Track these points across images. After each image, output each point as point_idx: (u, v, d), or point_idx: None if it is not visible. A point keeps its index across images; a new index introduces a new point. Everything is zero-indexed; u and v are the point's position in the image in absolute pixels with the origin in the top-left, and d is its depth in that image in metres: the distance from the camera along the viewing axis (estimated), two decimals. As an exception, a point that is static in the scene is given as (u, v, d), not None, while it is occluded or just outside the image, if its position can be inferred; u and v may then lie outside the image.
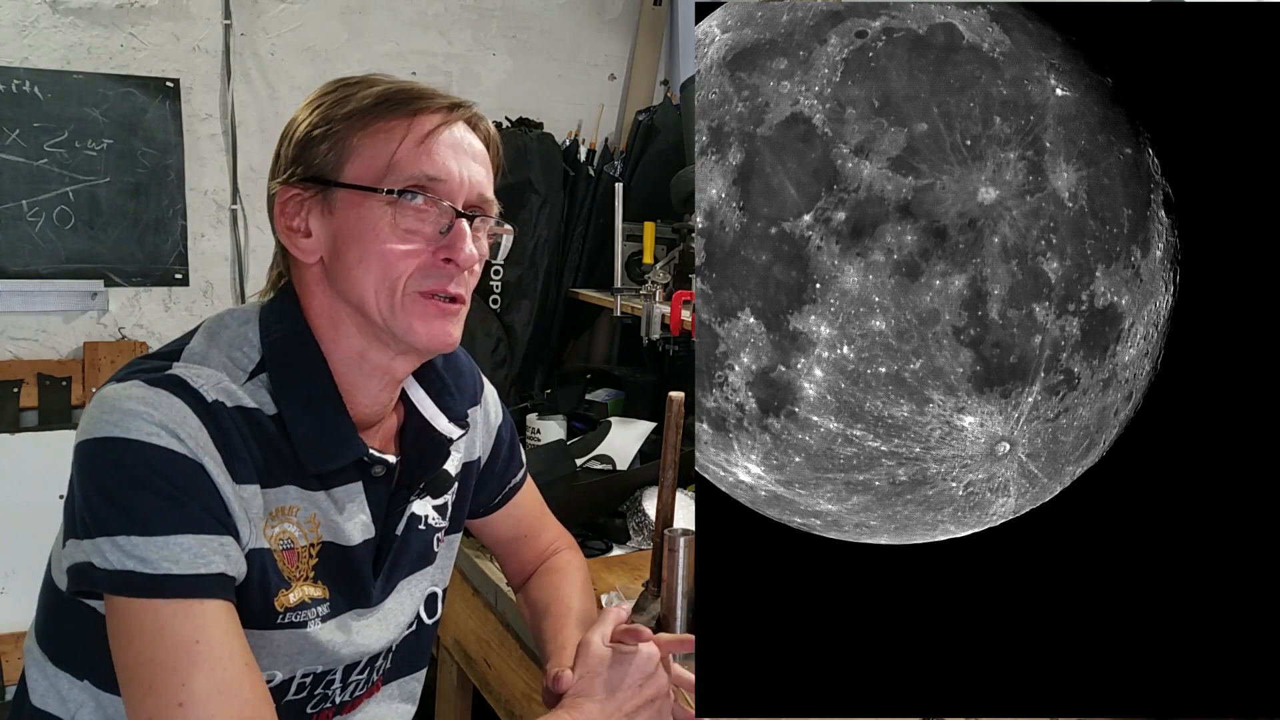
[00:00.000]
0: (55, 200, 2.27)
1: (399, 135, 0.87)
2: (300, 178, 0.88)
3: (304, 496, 0.88)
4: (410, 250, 0.86)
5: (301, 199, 0.89)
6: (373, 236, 0.86)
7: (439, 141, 0.88)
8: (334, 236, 0.87)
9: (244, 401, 0.84)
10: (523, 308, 2.63)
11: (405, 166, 0.86)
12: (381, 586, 0.96)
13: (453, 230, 0.87)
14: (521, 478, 1.22)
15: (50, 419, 2.29)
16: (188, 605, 0.77)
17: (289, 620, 0.87)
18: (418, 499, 1.00)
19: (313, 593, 0.89)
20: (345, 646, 0.92)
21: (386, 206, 0.86)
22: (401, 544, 0.98)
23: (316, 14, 2.53)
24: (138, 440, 0.77)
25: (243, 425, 0.83)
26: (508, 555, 1.24)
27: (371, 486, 0.94)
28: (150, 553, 0.76)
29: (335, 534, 0.91)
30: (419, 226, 0.87)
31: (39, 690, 0.89)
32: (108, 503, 0.77)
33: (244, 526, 0.82)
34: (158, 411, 0.78)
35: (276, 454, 0.86)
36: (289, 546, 0.87)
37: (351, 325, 0.89)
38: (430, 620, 1.06)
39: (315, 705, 0.94)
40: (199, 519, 0.78)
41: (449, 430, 1.01)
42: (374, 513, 0.94)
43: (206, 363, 0.85)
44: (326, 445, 0.88)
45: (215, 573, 0.78)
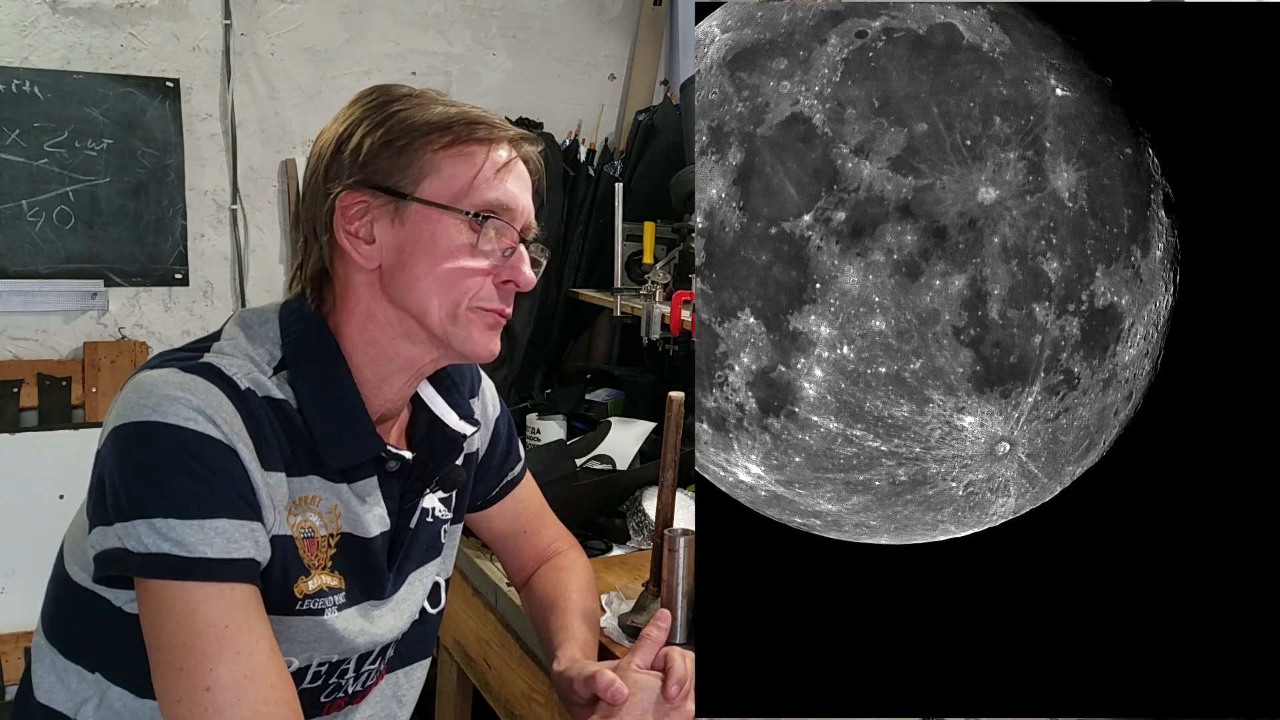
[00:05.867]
0: (55, 200, 2.27)
1: (479, 161, 0.91)
2: (369, 185, 0.89)
3: (327, 487, 0.91)
4: (479, 269, 0.91)
5: (368, 205, 0.90)
6: (445, 253, 0.89)
7: (513, 174, 0.93)
8: (401, 247, 0.90)
9: (272, 392, 0.87)
10: (523, 308, 2.63)
11: (484, 192, 0.90)
12: (394, 578, 0.99)
13: (515, 255, 0.93)
14: (520, 472, 1.23)
15: (50, 419, 2.29)
16: (219, 589, 0.79)
17: (307, 607, 0.89)
18: (430, 493, 1.02)
19: (330, 581, 0.91)
20: (360, 636, 0.94)
21: (462, 226, 0.90)
22: (414, 537, 1.01)
23: (316, 14, 2.53)
24: (175, 425, 0.79)
25: (272, 415, 0.86)
26: (508, 552, 1.25)
27: (386, 480, 0.96)
28: (187, 535, 0.78)
29: (355, 525, 0.93)
30: (489, 249, 0.91)
31: (44, 686, 0.90)
32: (146, 485, 0.78)
33: (269, 513, 0.84)
34: (195, 397, 0.80)
35: (302, 445, 0.88)
36: (310, 535, 0.89)
37: (397, 330, 0.92)
38: (434, 610, 1.08)
39: (329, 695, 0.96)
40: (233, 504, 0.80)
41: (461, 427, 1.03)
42: (389, 505, 0.97)
43: (236, 354, 0.88)
44: (346, 442, 0.90)
45: (246, 557, 0.80)
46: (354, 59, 2.58)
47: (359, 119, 0.91)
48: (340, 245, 0.90)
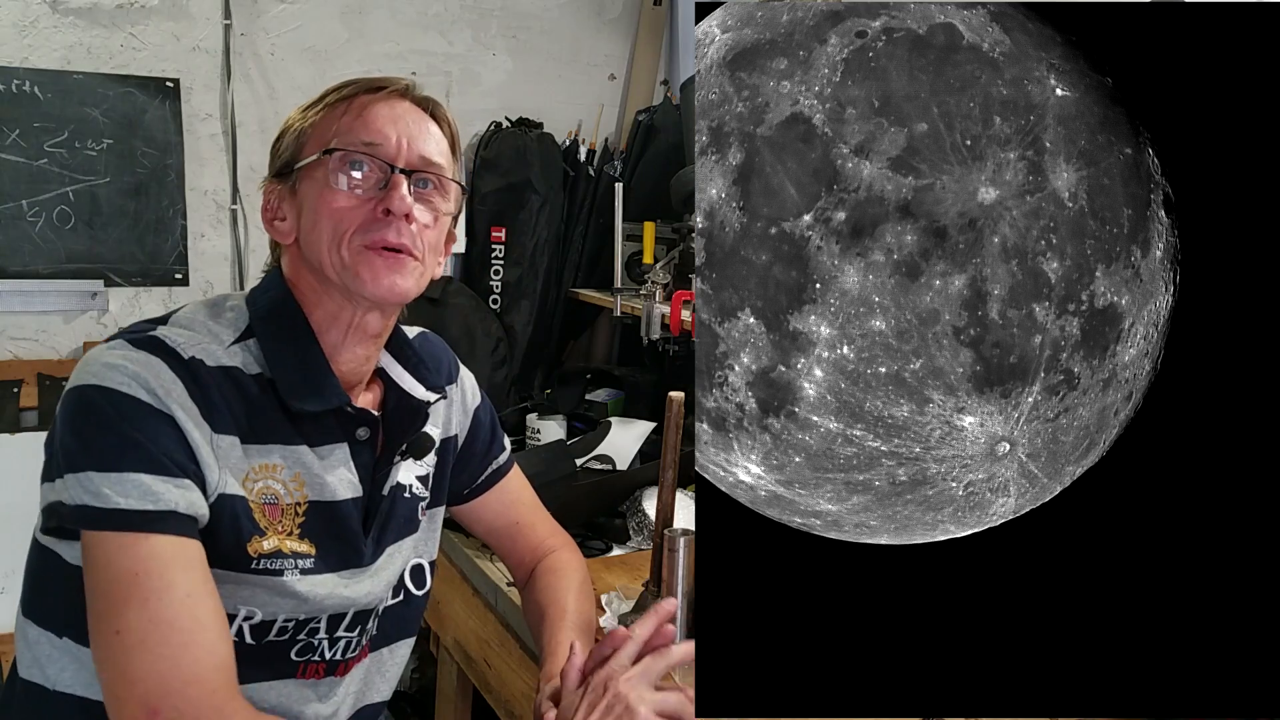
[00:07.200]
0: (55, 200, 2.27)
1: (340, 112, 0.97)
2: (274, 172, 1.00)
3: (288, 454, 0.94)
4: (351, 205, 0.94)
5: (277, 191, 0.99)
6: (319, 198, 0.94)
7: (375, 113, 0.97)
8: (299, 213, 0.97)
9: (224, 361, 0.92)
10: (523, 308, 2.63)
11: (344, 134, 0.96)
12: (372, 548, 1.01)
13: (389, 184, 0.94)
14: (506, 462, 1.25)
15: (50, 419, 2.28)
16: (133, 539, 0.82)
17: (264, 567, 0.91)
18: (402, 461, 1.05)
19: (297, 548, 0.93)
20: (329, 598, 0.96)
21: (328, 169, 0.94)
22: (390, 507, 1.04)
23: (316, 14, 2.53)
24: (109, 388, 0.85)
25: (224, 382, 0.91)
26: (504, 548, 1.26)
27: (358, 451, 0.99)
28: (104, 487, 0.83)
29: (320, 491, 0.96)
30: (359, 183, 0.94)
31: (24, 661, 0.93)
32: (76, 441, 0.85)
33: (212, 473, 0.88)
34: (133, 365, 0.86)
35: (259, 412, 0.93)
36: (272, 501, 0.93)
37: (319, 291, 0.97)
38: (419, 592, 1.11)
39: (301, 653, 0.97)
40: (157, 461, 0.84)
41: (425, 395, 1.06)
42: (360, 474, 1.00)
43: (190, 328, 0.93)
44: (309, 386, 0.94)
45: (165, 509, 0.83)
46: (354, 59, 2.58)
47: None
48: (266, 232, 1.00)
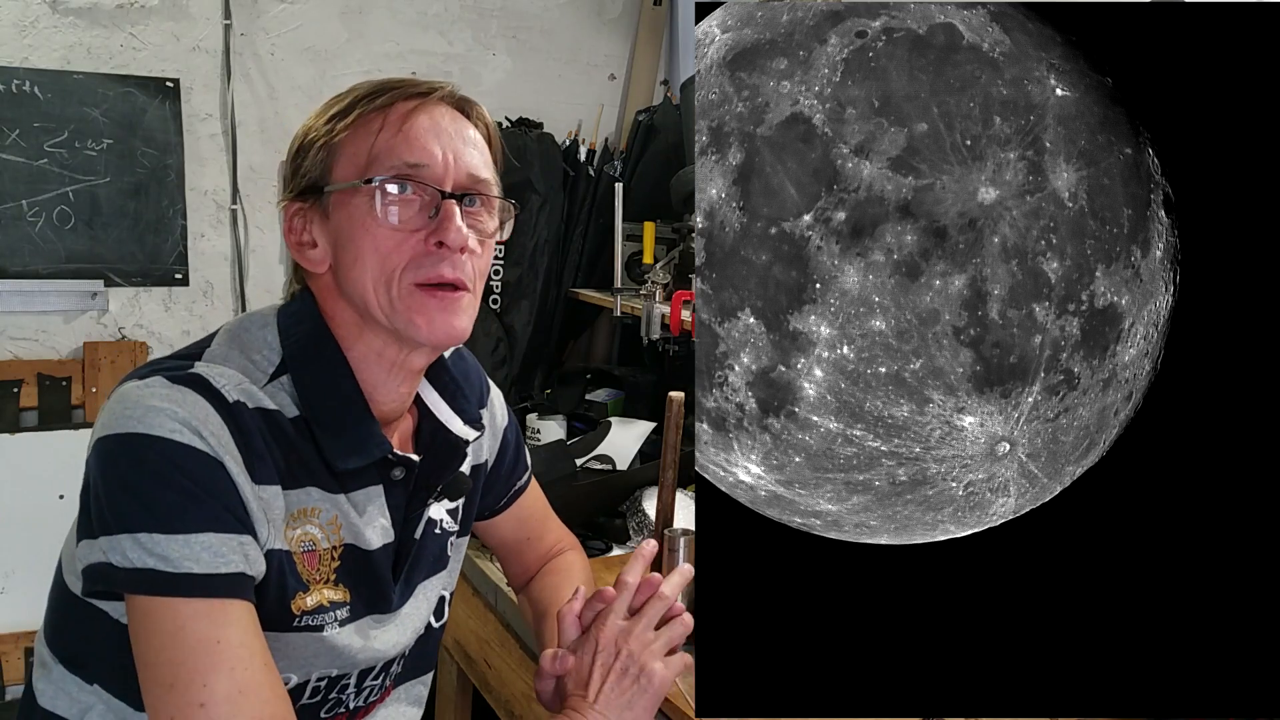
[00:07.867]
0: (55, 200, 2.27)
1: (376, 127, 0.86)
2: (299, 190, 0.89)
3: (326, 498, 0.88)
4: (400, 240, 0.85)
5: (304, 211, 0.89)
6: (362, 231, 0.85)
7: (416, 126, 0.86)
8: (334, 241, 0.88)
9: (264, 403, 0.84)
10: (523, 308, 2.63)
11: (385, 156, 0.85)
12: (401, 591, 0.96)
13: (441, 213, 0.85)
14: (526, 480, 1.21)
15: (50, 419, 2.28)
16: (209, 605, 0.76)
17: (305, 624, 0.86)
18: (435, 502, 0.99)
19: (333, 596, 0.88)
20: (362, 651, 0.91)
21: (371, 199, 0.84)
22: (420, 548, 0.98)
23: (316, 14, 2.53)
24: (161, 436, 0.77)
25: (263, 426, 0.83)
26: (511, 558, 1.24)
27: (391, 490, 0.93)
28: (172, 551, 0.75)
29: (356, 537, 0.90)
30: (407, 214, 0.85)
31: (47, 694, 0.88)
32: (130, 499, 0.76)
33: (262, 527, 0.82)
34: (181, 409, 0.78)
35: (297, 456, 0.85)
36: (310, 549, 0.86)
37: (359, 328, 0.89)
38: (438, 624, 1.06)
39: (329, 710, 0.93)
40: (220, 517, 0.78)
41: (465, 432, 1.00)
42: (393, 516, 0.94)
43: (227, 364, 0.85)
44: (351, 443, 0.87)
45: (235, 572, 0.78)
46: (354, 59, 2.58)
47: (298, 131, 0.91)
48: (294, 257, 0.90)
